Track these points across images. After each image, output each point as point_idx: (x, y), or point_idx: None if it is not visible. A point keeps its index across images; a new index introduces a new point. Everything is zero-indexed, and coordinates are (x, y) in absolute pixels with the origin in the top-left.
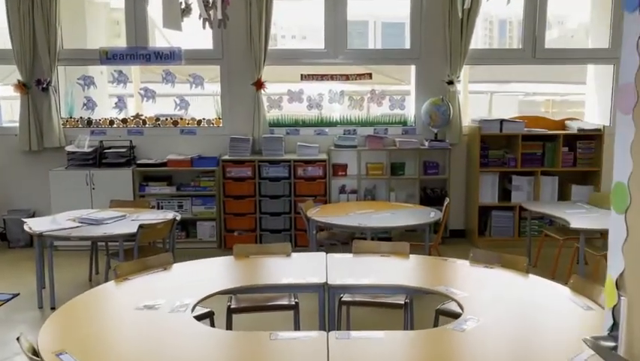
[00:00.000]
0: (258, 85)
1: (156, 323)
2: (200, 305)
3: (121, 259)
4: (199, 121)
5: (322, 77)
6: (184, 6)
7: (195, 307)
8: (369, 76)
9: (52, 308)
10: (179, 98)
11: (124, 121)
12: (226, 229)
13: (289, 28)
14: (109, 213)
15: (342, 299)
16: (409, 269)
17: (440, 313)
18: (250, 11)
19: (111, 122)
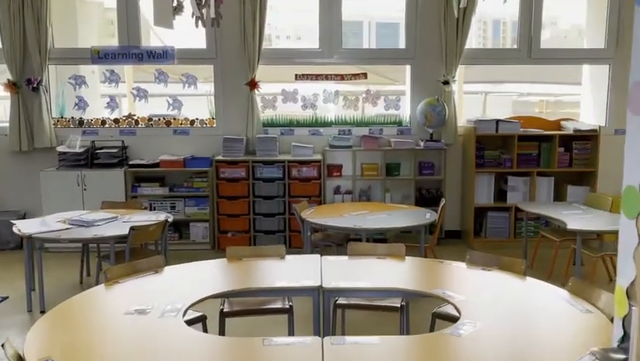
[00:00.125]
0: (252, 85)
1: (146, 329)
2: (192, 309)
3: (112, 262)
4: (192, 121)
5: (317, 77)
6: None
7: (187, 311)
8: (364, 76)
9: (41, 312)
10: (172, 98)
11: (116, 121)
12: (220, 231)
13: (284, 28)
14: (100, 214)
15: (337, 302)
16: (405, 272)
17: (436, 316)
18: (244, 10)
19: (103, 122)
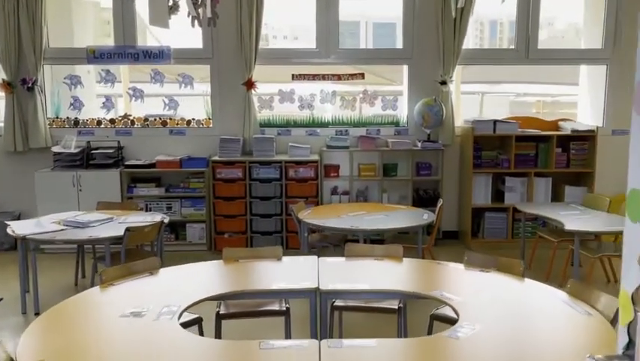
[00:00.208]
0: (249, 85)
1: (141, 332)
2: (188, 311)
3: (107, 263)
4: (188, 121)
5: (314, 77)
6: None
7: (182, 313)
8: (361, 76)
9: (36, 314)
10: (168, 98)
11: (112, 121)
12: (216, 231)
13: (281, 28)
14: (95, 215)
15: (334, 304)
16: (403, 273)
17: (435, 318)
18: (240, 10)
19: (99, 122)
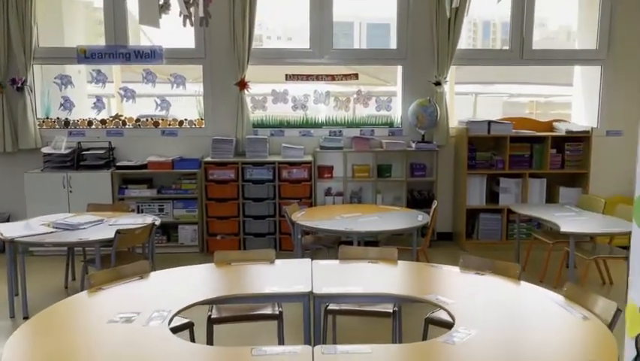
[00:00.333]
0: (242, 85)
1: (131, 338)
2: (179, 316)
3: (97, 266)
4: (181, 122)
5: (307, 78)
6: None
7: (174, 318)
8: (355, 76)
9: (24, 318)
10: (160, 98)
11: (103, 122)
12: (208, 233)
13: (274, 29)
14: (85, 217)
15: (327, 308)
16: (398, 276)
17: (429, 322)
18: (233, 9)
19: (89, 122)
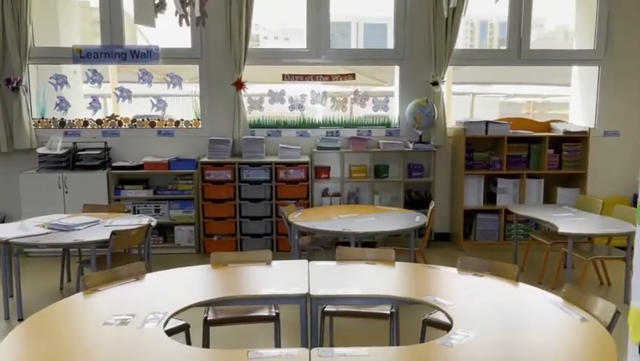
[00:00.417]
0: (239, 85)
1: (126, 340)
2: (175, 317)
3: (93, 268)
4: (177, 122)
5: (304, 78)
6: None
7: (169, 320)
8: (352, 76)
9: (19, 320)
10: (156, 98)
11: (99, 122)
12: (205, 234)
13: (271, 29)
14: (81, 218)
15: (325, 310)
16: (395, 278)
17: (427, 323)
18: (230, 9)
19: (85, 123)
